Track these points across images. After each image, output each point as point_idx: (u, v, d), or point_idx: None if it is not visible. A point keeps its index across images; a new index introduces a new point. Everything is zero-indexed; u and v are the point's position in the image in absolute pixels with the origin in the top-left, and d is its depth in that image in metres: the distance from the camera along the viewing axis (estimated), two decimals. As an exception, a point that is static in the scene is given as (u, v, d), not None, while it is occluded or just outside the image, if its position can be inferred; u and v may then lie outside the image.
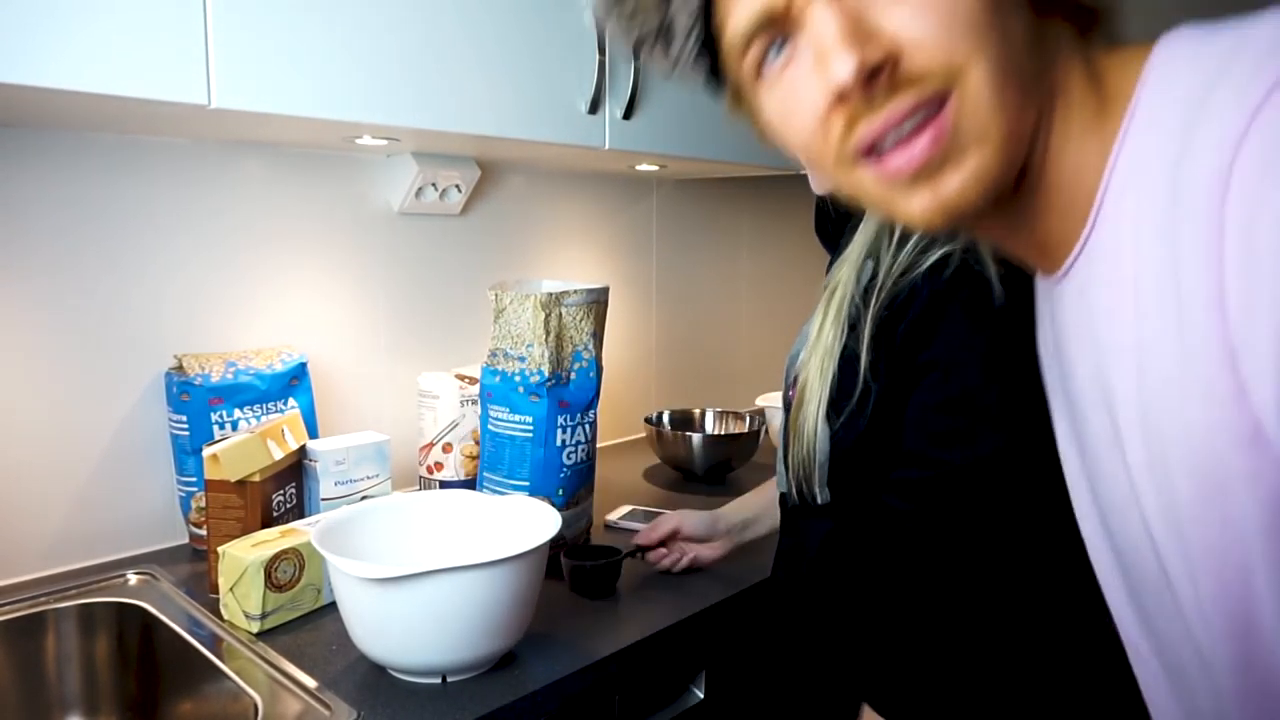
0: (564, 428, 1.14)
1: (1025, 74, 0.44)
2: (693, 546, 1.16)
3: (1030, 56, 0.44)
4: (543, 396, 1.13)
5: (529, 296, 1.12)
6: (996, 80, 0.43)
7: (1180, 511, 0.43)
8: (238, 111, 0.91)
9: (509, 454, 1.15)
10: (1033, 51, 0.45)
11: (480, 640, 0.84)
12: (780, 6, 0.45)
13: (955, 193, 0.44)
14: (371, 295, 1.42)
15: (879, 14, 0.43)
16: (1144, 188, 0.42)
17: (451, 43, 1.08)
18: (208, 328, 1.24)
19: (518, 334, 1.13)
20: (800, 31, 0.46)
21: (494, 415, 1.16)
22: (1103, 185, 0.45)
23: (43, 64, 0.78)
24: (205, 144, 1.22)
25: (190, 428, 1.16)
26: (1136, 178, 0.43)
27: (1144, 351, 0.43)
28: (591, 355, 1.18)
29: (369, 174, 1.39)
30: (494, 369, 1.15)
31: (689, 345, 2.00)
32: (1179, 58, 0.42)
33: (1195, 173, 0.38)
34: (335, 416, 1.38)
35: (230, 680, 0.87)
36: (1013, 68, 0.43)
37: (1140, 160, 0.42)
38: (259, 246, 1.28)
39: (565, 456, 1.15)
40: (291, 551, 0.96)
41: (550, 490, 1.14)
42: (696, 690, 1.07)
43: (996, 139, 0.43)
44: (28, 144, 1.07)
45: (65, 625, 1.01)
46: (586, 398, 1.17)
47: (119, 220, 1.15)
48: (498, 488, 1.16)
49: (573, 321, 1.15)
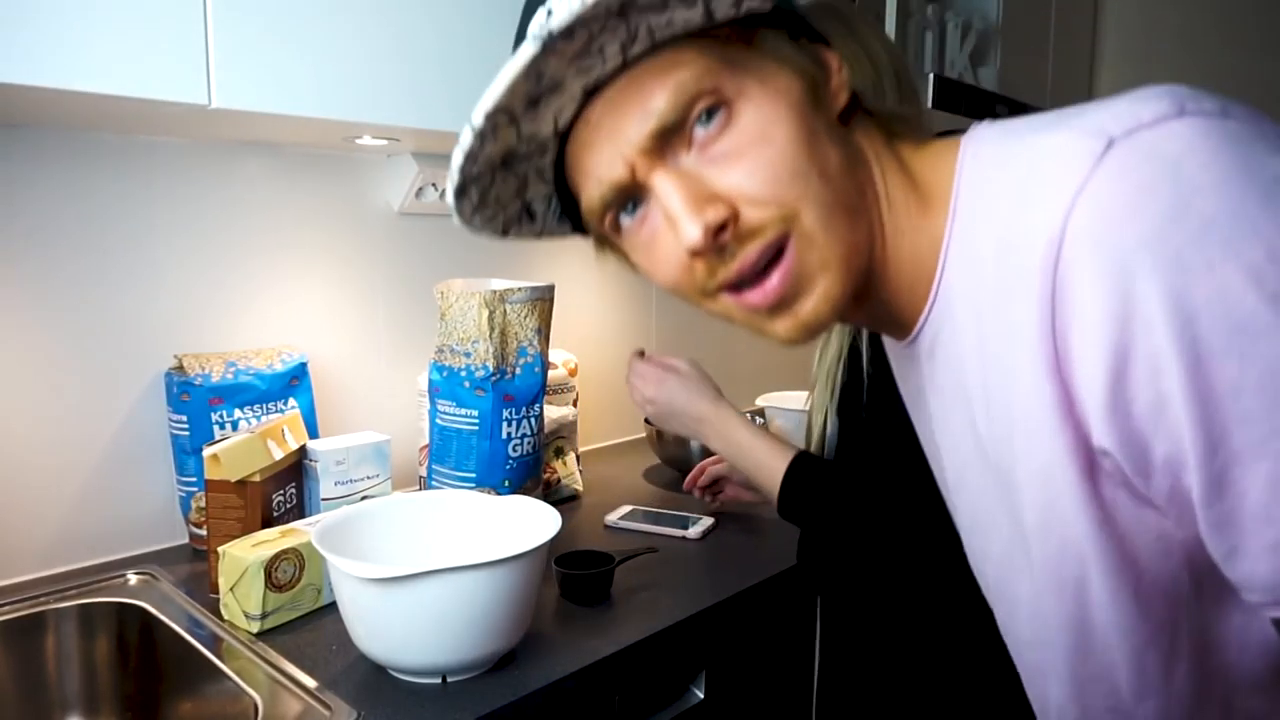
0: (509, 421, 1.19)
1: (850, 196, 0.51)
2: (732, 488, 1.28)
3: (850, 177, 0.52)
4: (488, 391, 1.17)
5: (474, 294, 1.17)
6: (825, 214, 0.50)
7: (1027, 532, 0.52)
8: (238, 111, 0.91)
9: (456, 447, 1.19)
10: (851, 171, 0.52)
11: (480, 640, 0.84)
12: (626, 180, 0.51)
13: (810, 314, 0.52)
14: (371, 295, 1.42)
15: (715, 178, 0.50)
16: (976, 267, 0.49)
17: (451, 43, 1.08)
18: (208, 328, 1.24)
19: (463, 331, 1.18)
20: (648, 196, 0.52)
21: (441, 409, 1.21)
22: (939, 267, 0.52)
23: (43, 64, 0.78)
24: (205, 144, 1.21)
25: (190, 428, 1.16)
26: (968, 259, 0.50)
27: (992, 403, 0.50)
28: (536, 351, 1.22)
29: (369, 174, 1.39)
30: (441, 365, 1.20)
31: (689, 345, 2.00)
32: (986, 161, 0.50)
33: (1023, 256, 0.45)
34: (335, 416, 1.38)
35: (230, 680, 0.87)
36: (838, 197, 0.50)
37: (969, 245, 0.50)
38: (259, 246, 1.28)
39: (511, 449, 1.20)
40: (291, 551, 0.96)
41: (496, 482, 1.18)
42: (696, 690, 1.07)
43: (837, 262, 0.51)
44: (28, 144, 1.07)
45: (65, 625, 1.01)
46: (531, 392, 1.22)
47: (119, 220, 1.15)
48: (445, 480, 1.20)
49: (517, 318, 1.20)
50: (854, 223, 0.51)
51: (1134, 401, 0.42)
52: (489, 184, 0.55)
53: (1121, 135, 0.42)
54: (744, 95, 0.50)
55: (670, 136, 0.50)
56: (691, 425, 1.10)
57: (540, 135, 0.53)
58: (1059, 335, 0.44)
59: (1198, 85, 0.45)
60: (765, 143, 0.49)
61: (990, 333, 0.49)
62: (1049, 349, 0.44)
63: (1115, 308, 0.41)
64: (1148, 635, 0.50)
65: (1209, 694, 0.51)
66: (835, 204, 0.50)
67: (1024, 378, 0.46)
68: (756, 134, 0.49)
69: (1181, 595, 0.48)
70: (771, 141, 0.49)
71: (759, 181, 0.49)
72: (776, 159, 0.49)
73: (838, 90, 0.54)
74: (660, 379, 1.11)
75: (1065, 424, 0.45)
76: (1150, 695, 0.51)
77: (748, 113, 0.50)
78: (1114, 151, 0.42)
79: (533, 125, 0.52)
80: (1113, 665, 0.52)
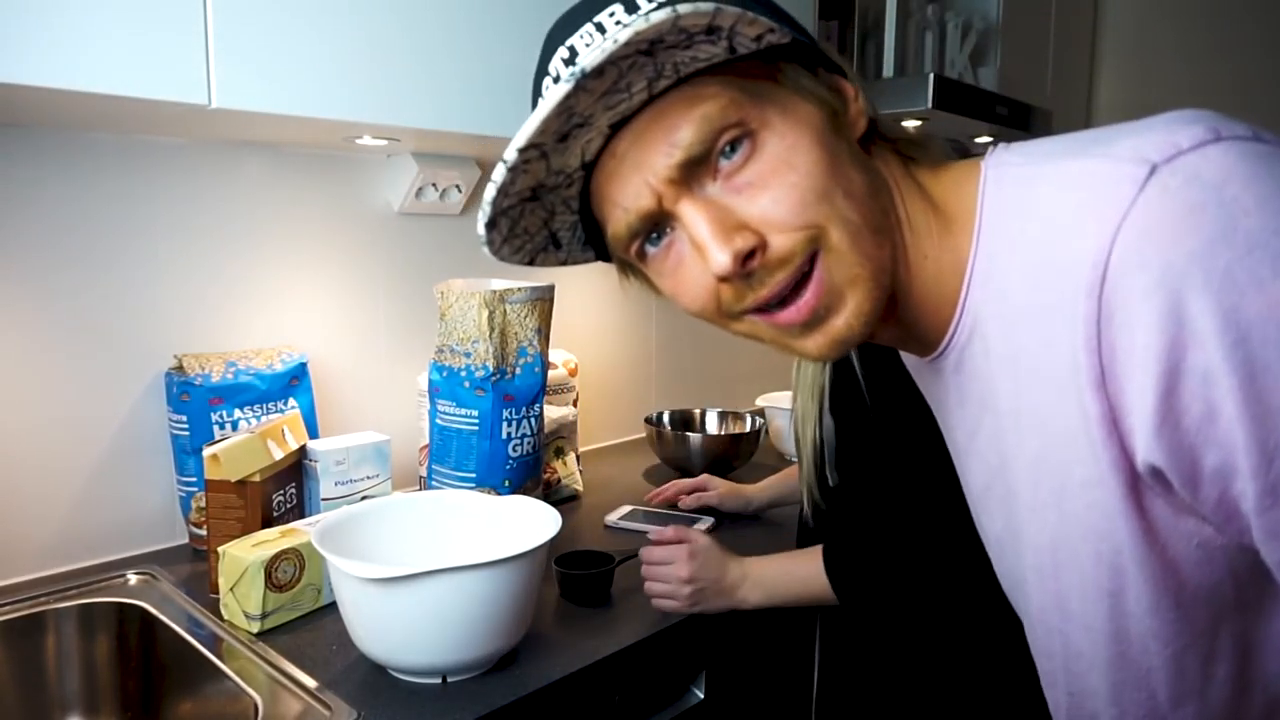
0: (509, 421, 1.19)
1: (874, 216, 0.53)
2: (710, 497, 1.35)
3: (874, 199, 0.53)
4: (488, 391, 1.17)
5: (474, 294, 1.16)
6: (852, 232, 0.51)
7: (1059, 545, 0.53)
8: (238, 111, 0.91)
9: (456, 447, 1.19)
10: (875, 194, 0.53)
11: (480, 640, 0.84)
12: (654, 209, 0.53)
13: (843, 330, 0.53)
14: (371, 295, 1.42)
15: (741, 206, 0.51)
16: (1005, 288, 0.50)
17: (451, 43, 1.08)
18: (208, 328, 1.24)
19: (463, 331, 1.18)
20: (674, 224, 0.54)
21: (441, 409, 1.21)
22: (964, 287, 0.53)
23: (43, 64, 0.78)
24: (205, 144, 1.21)
25: (190, 428, 1.16)
26: (995, 280, 0.51)
27: (1023, 416, 0.52)
28: (536, 351, 1.22)
29: (369, 174, 1.39)
30: (440, 365, 1.20)
31: (689, 345, 2.00)
32: (1010, 184, 0.52)
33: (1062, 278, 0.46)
34: (335, 416, 1.38)
35: (230, 680, 0.87)
36: (863, 216, 0.52)
37: (996, 267, 0.51)
38: (259, 246, 1.28)
39: (511, 449, 1.20)
40: (291, 551, 0.96)
41: (496, 482, 1.18)
42: (696, 690, 1.07)
43: (866, 279, 0.52)
44: (28, 144, 1.07)
45: (65, 625, 1.01)
46: (531, 392, 1.22)
47: (119, 220, 1.15)
48: (445, 480, 1.20)
49: (517, 318, 1.20)
50: (880, 241, 0.53)
51: (1185, 414, 0.43)
52: (518, 216, 0.57)
53: (1163, 161, 0.44)
54: (767, 125, 0.51)
55: (696, 167, 0.51)
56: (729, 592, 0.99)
57: (569, 168, 0.55)
58: (1104, 353, 0.45)
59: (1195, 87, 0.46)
60: (790, 169, 0.51)
61: (1024, 350, 0.50)
62: (1093, 366, 0.45)
63: (1166, 324, 0.42)
64: (1188, 641, 0.50)
65: (1248, 701, 0.52)
66: (862, 223, 0.51)
67: (1065, 395, 0.47)
68: (781, 161, 0.51)
69: (1222, 602, 0.49)
70: (795, 167, 0.51)
71: (786, 207, 0.50)
72: (802, 183, 0.50)
73: (856, 117, 0.55)
74: (689, 554, 0.99)
75: (1110, 439, 0.46)
76: (1188, 700, 0.52)
77: (771, 142, 0.51)
78: (1157, 176, 0.43)
79: (562, 159, 0.54)
80: (1150, 671, 0.52)
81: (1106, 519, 0.49)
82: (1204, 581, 0.49)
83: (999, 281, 0.51)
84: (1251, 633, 0.50)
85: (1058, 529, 0.53)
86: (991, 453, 0.58)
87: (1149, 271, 0.42)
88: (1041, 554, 0.55)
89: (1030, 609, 0.60)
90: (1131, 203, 0.43)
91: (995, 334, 0.52)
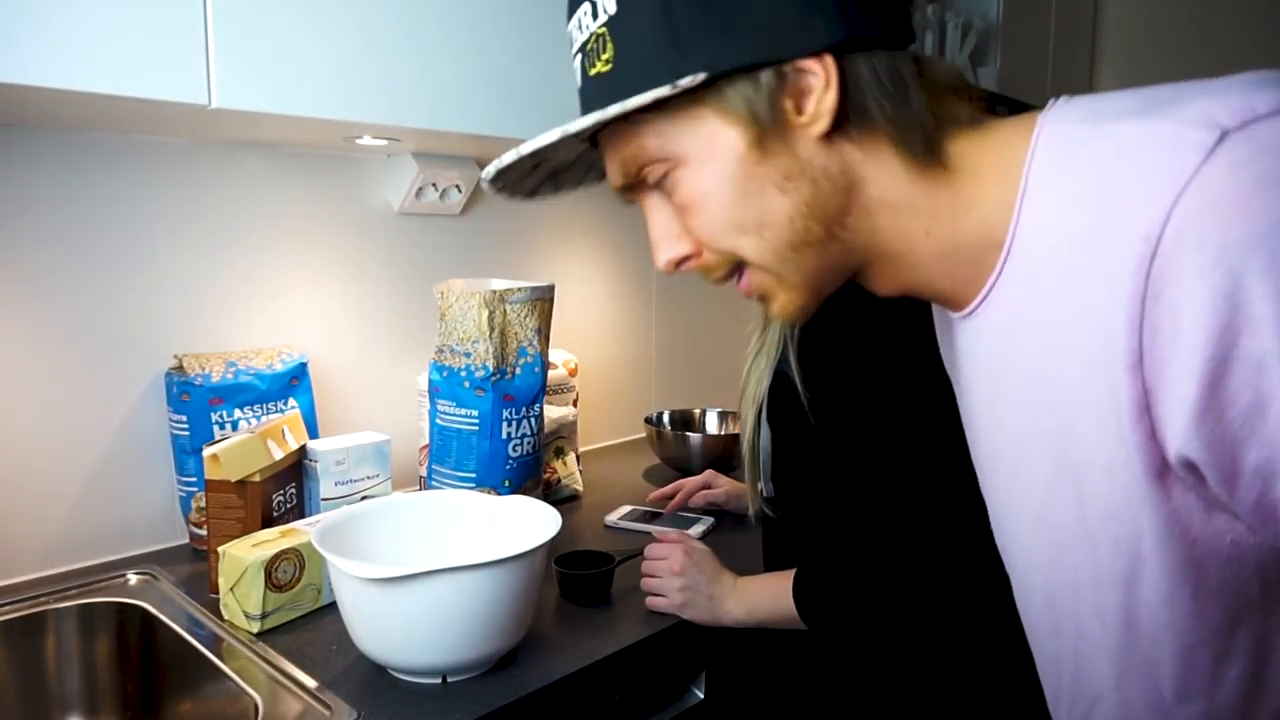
0: (509, 421, 1.19)
1: (808, 233, 0.53)
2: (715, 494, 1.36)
3: (811, 214, 0.53)
4: (488, 391, 1.17)
5: (474, 294, 1.16)
6: (770, 257, 0.54)
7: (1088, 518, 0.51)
8: (238, 111, 0.91)
9: (456, 447, 1.19)
10: (811, 208, 0.53)
11: (480, 640, 0.84)
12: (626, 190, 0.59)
13: (784, 311, 0.57)
14: (371, 295, 1.42)
15: (685, 217, 0.56)
16: (1047, 251, 0.48)
17: (451, 43, 1.08)
18: (208, 328, 1.24)
19: (463, 331, 1.18)
20: None
21: (441, 409, 1.20)
22: (1004, 250, 0.51)
23: (43, 64, 0.78)
24: (205, 144, 1.22)
25: (190, 428, 1.16)
26: (1038, 244, 0.49)
27: (1050, 388, 0.50)
28: (536, 351, 1.22)
29: (369, 174, 1.39)
30: (440, 365, 1.20)
31: (689, 345, 2.00)
32: (1064, 143, 0.48)
33: (1110, 248, 0.43)
34: (335, 416, 1.38)
35: (230, 680, 0.87)
36: (785, 239, 0.54)
37: (1040, 230, 0.48)
38: (259, 246, 1.28)
39: (511, 449, 1.19)
40: (291, 551, 0.96)
41: (496, 482, 1.18)
42: (696, 690, 1.07)
43: (794, 284, 0.56)
44: (28, 144, 1.07)
45: (65, 625, 1.01)
46: (532, 392, 1.21)
47: (119, 220, 1.15)
48: (445, 480, 1.20)
49: (517, 318, 1.20)
50: (816, 251, 0.54)
51: (1230, 405, 0.40)
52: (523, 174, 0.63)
53: (1235, 127, 0.40)
54: (682, 164, 0.54)
55: (637, 187, 0.58)
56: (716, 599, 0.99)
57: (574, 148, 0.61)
58: (1146, 333, 0.42)
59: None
60: (699, 209, 0.55)
61: (1057, 321, 0.48)
62: (1132, 346, 0.42)
63: (1220, 306, 0.39)
64: (1201, 637, 0.49)
65: (1258, 709, 0.50)
66: (782, 246, 0.54)
67: (1096, 372, 0.45)
68: (694, 200, 0.55)
69: (1245, 602, 0.47)
70: (704, 207, 0.54)
71: (705, 235, 0.56)
72: (711, 220, 0.55)
73: (813, 119, 0.51)
74: (685, 553, 1.01)
75: (1139, 422, 0.44)
76: (1195, 698, 0.51)
77: (684, 180, 0.55)
78: (1226, 144, 0.40)
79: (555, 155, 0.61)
80: (1158, 662, 0.51)
81: (1127, 504, 0.47)
82: (1228, 579, 0.46)
83: (1039, 246, 0.48)
84: (1273, 637, 0.48)
85: (1076, 508, 0.51)
86: (1011, 421, 0.55)
87: (1206, 249, 0.39)
88: (1057, 530, 0.53)
89: (1036, 584, 0.59)
90: (1195, 172, 0.40)
91: (1031, 300, 0.50)
